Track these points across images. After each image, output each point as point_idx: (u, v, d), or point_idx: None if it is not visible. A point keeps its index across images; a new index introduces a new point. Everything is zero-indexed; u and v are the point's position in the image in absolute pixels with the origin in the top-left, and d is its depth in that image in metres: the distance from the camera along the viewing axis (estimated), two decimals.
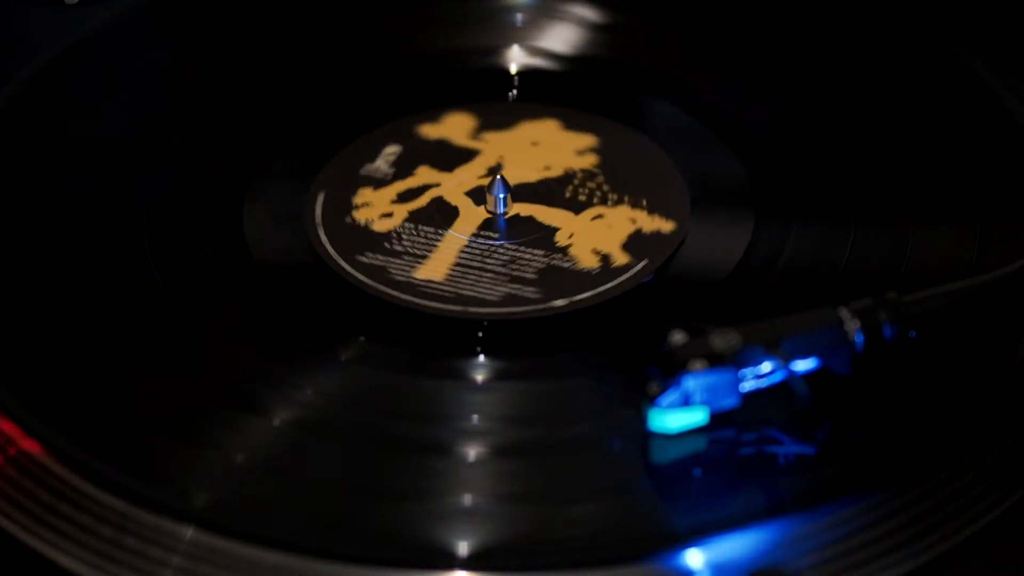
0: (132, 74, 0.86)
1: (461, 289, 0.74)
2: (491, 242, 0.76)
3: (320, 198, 0.79)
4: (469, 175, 0.80)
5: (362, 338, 0.71)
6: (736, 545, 0.62)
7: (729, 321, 0.66)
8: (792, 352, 0.65)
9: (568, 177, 0.80)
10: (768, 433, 0.65)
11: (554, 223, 0.77)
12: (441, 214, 0.78)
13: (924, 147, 0.80)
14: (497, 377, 0.70)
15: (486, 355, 0.70)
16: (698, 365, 0.64)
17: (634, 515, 0.64)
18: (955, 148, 0.80)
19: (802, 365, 0.65)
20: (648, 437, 0.65)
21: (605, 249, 0.75)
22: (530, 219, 0.78)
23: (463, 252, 0.76)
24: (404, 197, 0.79)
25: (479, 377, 0.70)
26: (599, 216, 0.77)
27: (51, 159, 0.80)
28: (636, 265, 0.74)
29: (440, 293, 0.74)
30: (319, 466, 0.66)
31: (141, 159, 0.81)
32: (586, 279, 0.74)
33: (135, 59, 0.87)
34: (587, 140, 0.82)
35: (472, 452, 0.66)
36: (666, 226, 0.76)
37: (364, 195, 0.79)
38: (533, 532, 0.63)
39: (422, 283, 0.74)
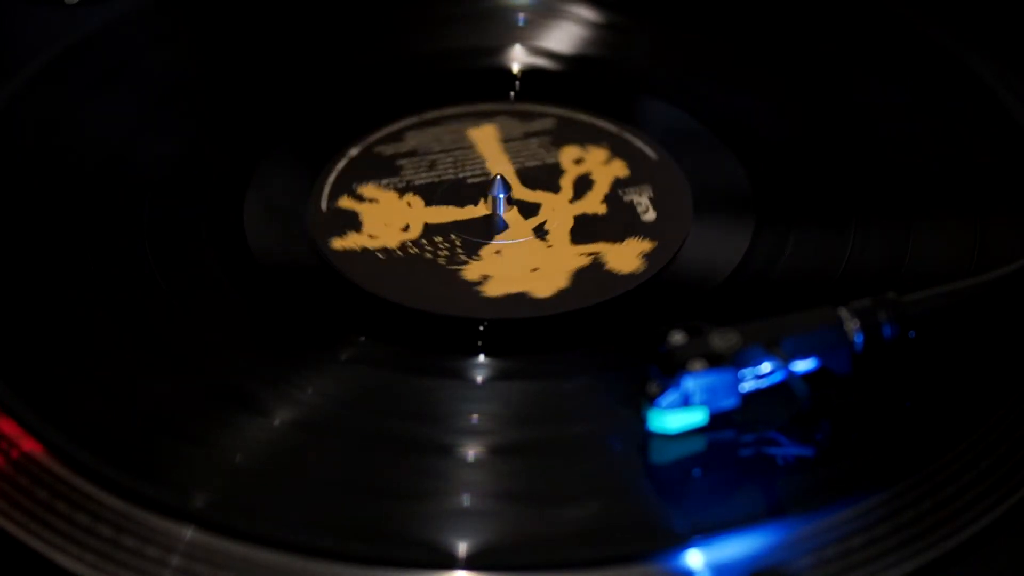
0: (132, 74, 0.86)
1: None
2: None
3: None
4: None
5: (362, 338, 0.71)
6: (736, 545, 0.62)
7: (729, 321, 0.66)
8: (792, 352, 0.65)
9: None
10: (768, 433, 0.65)
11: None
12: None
13: (924, 147, 0.80)
14: (497, 377, 0.70)
15: (486, 355, 0.70)
16: (698, 365, 0.64)
17: (634, 515, 0.64)
18: (955, 148, 0.80)
19: (802, 365, 0.65)
20: (648, 437, 0.65)
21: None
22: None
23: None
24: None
25: (479, 377, 0.70)
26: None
27: (51, 159, 0.80)
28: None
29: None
30: (319, 466, 0.66)
31: (141, 159, 0.81)
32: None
33: (135, 59, 0.87)
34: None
35: (472, 452, 0.66)
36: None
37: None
38: (533, 532, 0.63)
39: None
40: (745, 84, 0.85)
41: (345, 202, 0.79)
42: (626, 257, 0.75)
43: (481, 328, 0.72)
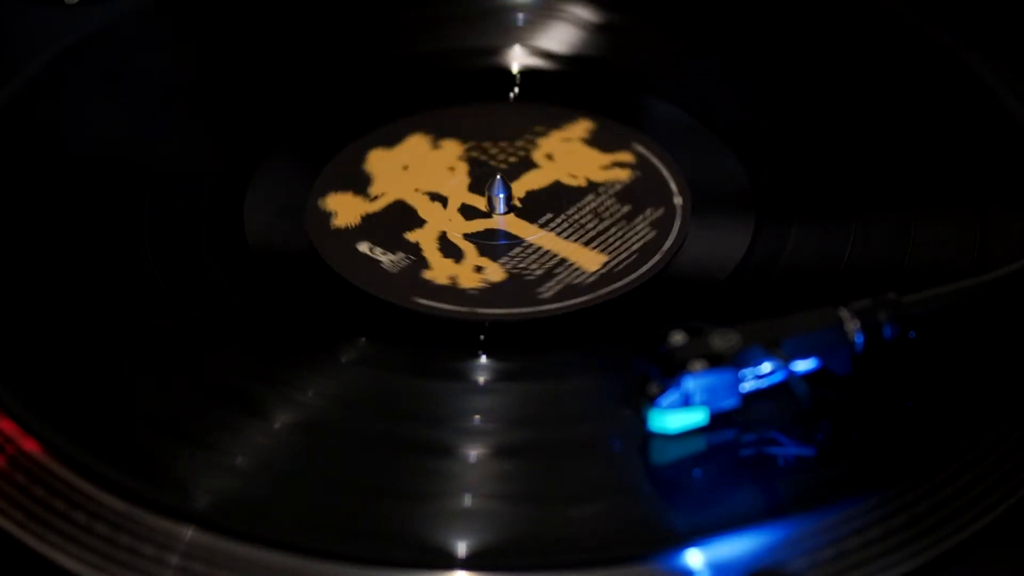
0: (132, 74, 0.86)
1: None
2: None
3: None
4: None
5: (363, 339, 0.71)
6: (736, 545, 0.62)
7: (729, 321, 0.66)
8: (792, 352, 0.65)
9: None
10: (768, 434, 0.65)
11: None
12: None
13: (924, 147, 0.80)
14: (497, 377, 0.70)
15: (487, 355, 0.70)
16: (698, 365, 0.64)
17: (634, 515, 0.64)
18: (955, 147, 0.80)
19: (802, 365, 0.65)
20: (648, 437, 0.65)
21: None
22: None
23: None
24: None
25: (480, 377, 0.70)
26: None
27: (51, 159, 0.80)
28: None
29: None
30: (319, 466, 0.66)
31: (141, 159, 0.81)
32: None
33: (135, 59, 0.87)
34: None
35: (473, 452, 0.66)
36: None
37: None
38: (533, 532, 0.63)
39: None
40: (745, 84, 0.85)
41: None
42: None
43: (482, 330, 0.72)
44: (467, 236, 0.77)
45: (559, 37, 0.89)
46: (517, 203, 0.78)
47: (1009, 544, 0.63)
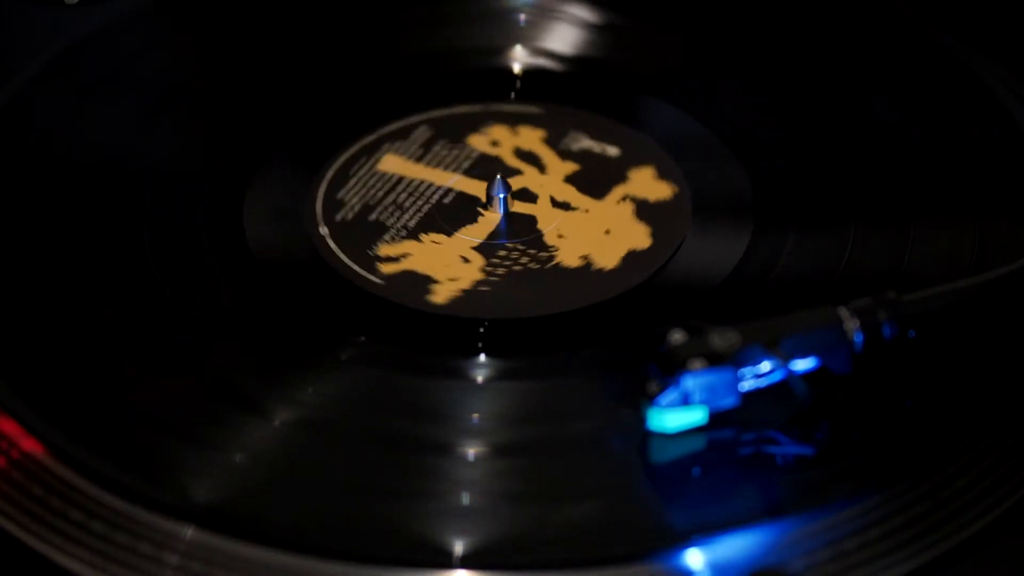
0: (132, 74, 0.86)
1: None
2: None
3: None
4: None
5: (362, 338, 0.71)
6: (736, 545, 0.62)
7: (729, 321, 0.66)
8: (791, 351, 0.65)
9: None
10: (767, 433, 0.65)
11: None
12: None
13: (924, 147, 0.80)
14: (497, 377, 0.70)
15: (486, 355, 0.71)
16: (697, 364, 0.64)
17: (634, 515, 0.64)
18: (955, 148, 0.80)
19: (801, 364, 0.65)
20: (647, 437, 0.65)
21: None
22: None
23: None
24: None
25: (479, 377, 0.70)
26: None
27: (51, 159, 0.80)
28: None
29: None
30: (319, 466, 0.66)
31: (141, 159, 0.81)
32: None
33: (135, 59, 0.87)
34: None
35: (472, 452, 0.66)
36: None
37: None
38: (533, 532, 0.63)
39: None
40: (745, 84, 0.85)
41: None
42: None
43: (481, 328, 0.72)
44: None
45: (560, 37, 0.89)
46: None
47: (1009, 544, 0.63)
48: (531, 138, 0.83)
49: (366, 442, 0.66)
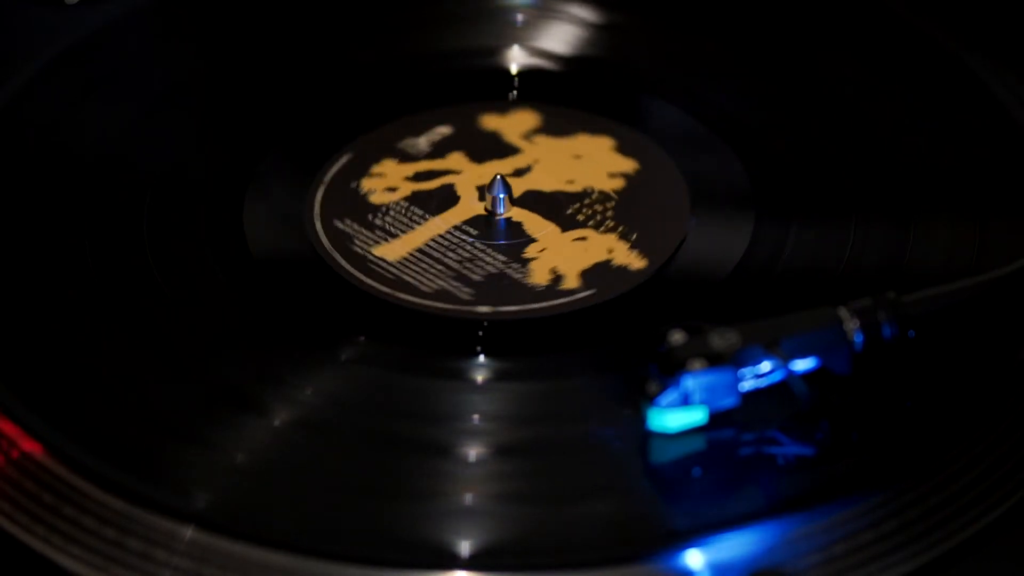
0: (132, 74, 0.86)
1: (404, 274, 0.74)
2: (464, 237, 0.76)
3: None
4: (493, 171, 0.80)
5: (362, 338, 0.71)
6: (736, 545, 0.62)
7: (729, 321, 0.66)
8: (791, 352, 0.65)
9: (582, 195, 0.79)
10: (767, 433, 0.65)
11: (537, 234, 0.77)
12: (438, 201, 0.78)
13: (924, 147, 0.80)
14: (497, 377, 0.70)
15: (486, 355, 0.71)
16: (697, 365, 0.64)
17: (634, 515, 0.64)
18: (955, 148, 0.80)
19: (801, 365, 0.65)
20: (647, 437, 0.65)
21: (563, 270, 0.75)
22: (519, 225, 0.78)
23: (433, 240, 0.76)
24: (419, 177, 0.80)
25: (479, 377, 0.70)
26: (582, 238, 0.77)
27: (51, 159, 0.80)
28: (583, 291, 0.74)
29: (383, 273, 0.74)
30: (319, 466, 0.66)
31: (141, 159, 0.81)
32: (527, 293, 0.74)
33: (135, 59, 0.87)
34: (628, 165, 0.81)
35: (472, 452, 0.66)
36: (637, 263, 0.75)
37: (385, 166, 0.80)
38: (533, 532, 0.63)
39: (374, 259, 0.75)
40: (745, 84, 0.85)
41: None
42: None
43: (481, 329, 0.72)
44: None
45: (559, 37, 0.89)
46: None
47: (1009, 544, 0.63)
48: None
49: (366, 442, 0.66)
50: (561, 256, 0.75)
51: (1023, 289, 0.69)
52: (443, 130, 0.83)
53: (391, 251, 0.76)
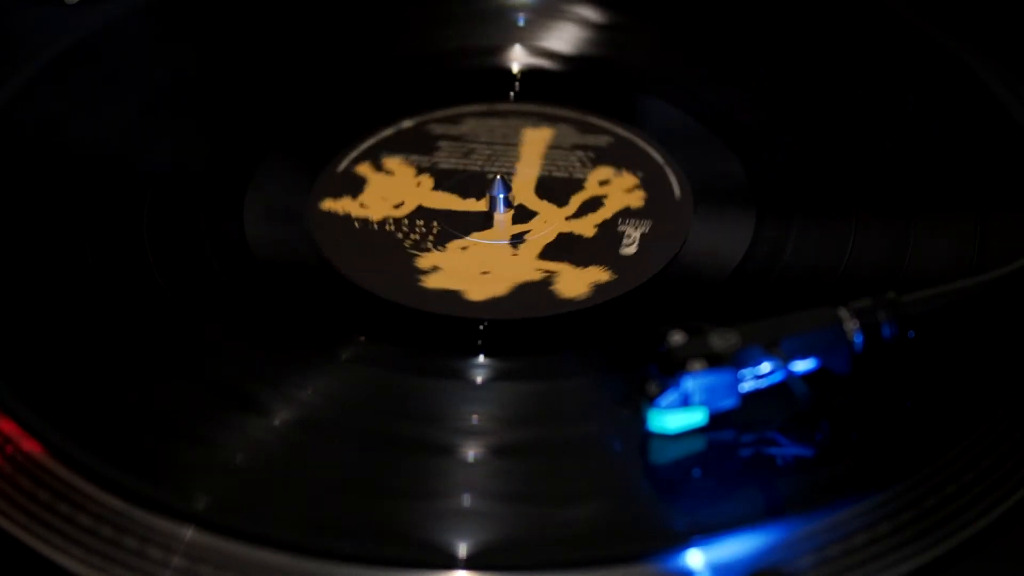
0: (132, 74, 0.86)
1: None
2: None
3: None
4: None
5: (362, 338, 0.71)
6: (736, 545, 0.62)
7: (729, 321, 0.66)
8: (791, 352, 0.65)
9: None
10: (767, 434, 0.65)
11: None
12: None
13: (924, 146, 0.80)
14: (497, 377, 0.70)
15: (486, 355, 0.71)
16: (697, 365, 0.64)
17: (634, 515, 0.63)
18: (955, 148, 0.80)
19: (801, 365, 0.65)
20: (647, 437, 0.65)
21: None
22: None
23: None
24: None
25: (479, 377, 0.70)
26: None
27: (51, 159, 0.80)
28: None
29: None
30: (319, 466, 0.66)
31: (141, 159, 0.81)
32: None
33: (135, 59, 0.87)
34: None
35: (472, 452, 0.66)
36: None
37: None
38: (533, 532, 0.63)
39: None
40: (745, 84, 0.85)
41: (363, 168, 0.79)
42: (577, 283, 0.74)
43: (481, 328, 0.72)
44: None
45: (560, 37, 0.89)
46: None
47: (1009, 544, 0.63)
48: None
49: (366, 442, 0.66)
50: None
51: (1023, 289, 0.69)
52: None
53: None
